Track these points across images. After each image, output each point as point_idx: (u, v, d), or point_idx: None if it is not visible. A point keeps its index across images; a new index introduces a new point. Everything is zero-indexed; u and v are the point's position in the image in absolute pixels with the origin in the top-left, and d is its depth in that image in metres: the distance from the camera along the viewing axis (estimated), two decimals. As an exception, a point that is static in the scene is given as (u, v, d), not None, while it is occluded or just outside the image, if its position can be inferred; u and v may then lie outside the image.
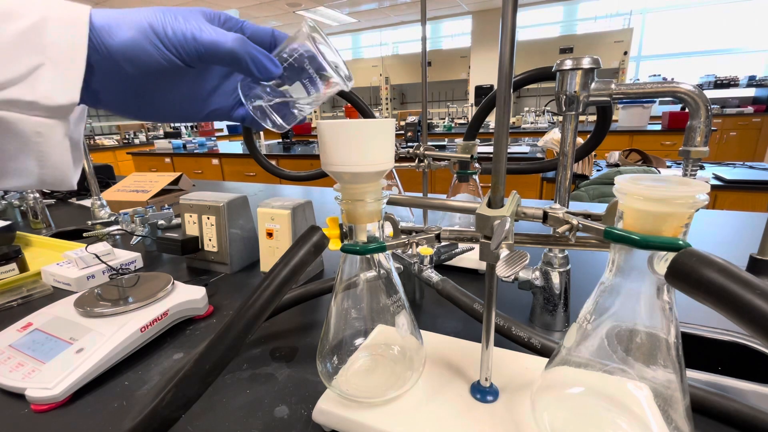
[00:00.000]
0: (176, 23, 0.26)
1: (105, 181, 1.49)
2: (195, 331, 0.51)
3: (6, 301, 0.59)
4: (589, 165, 1.82)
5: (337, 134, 0.27)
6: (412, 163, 0.61)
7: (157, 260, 0.76)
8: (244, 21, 0.30)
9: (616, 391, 0.27)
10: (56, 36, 0.24)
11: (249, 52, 0.27)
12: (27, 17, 0.23)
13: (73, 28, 0.24)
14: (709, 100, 0.33)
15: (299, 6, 4.48)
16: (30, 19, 0.23)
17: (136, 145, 5.07)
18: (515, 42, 0.24)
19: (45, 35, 0.23)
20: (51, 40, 0.23)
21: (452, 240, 0.33)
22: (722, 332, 0.46)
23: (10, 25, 0.22)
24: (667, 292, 0.23)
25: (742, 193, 1.64)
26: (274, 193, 1.38)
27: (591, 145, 0.54)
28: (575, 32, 4.86)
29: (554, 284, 0.45)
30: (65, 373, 0.39)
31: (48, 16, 0.23)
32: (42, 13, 0.23)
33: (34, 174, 0.26)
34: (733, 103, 4.43)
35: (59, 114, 0.25)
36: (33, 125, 0.25)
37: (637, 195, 0.21)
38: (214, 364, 0.27)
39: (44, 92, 0.24)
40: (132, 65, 0.26)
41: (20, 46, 0.23)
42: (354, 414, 0.32)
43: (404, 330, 0.35)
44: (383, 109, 5.76)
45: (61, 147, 0.27)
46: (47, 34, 0.23)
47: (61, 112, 0.25)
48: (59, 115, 0.25)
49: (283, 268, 0.29)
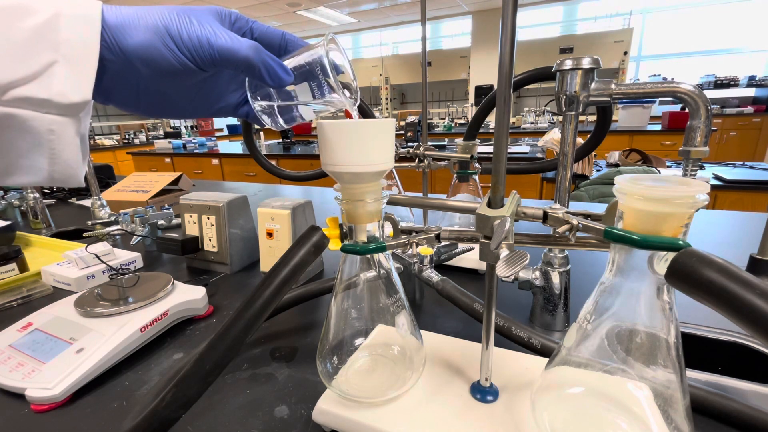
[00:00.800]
0: (191, 27, 0.26)
1: (105, 181, 1.49)
2: (195, 331, 0.51)
3: (6, 301, 0.59)
4: (589, 165, 1.83)
5: (337, 134, 0.27)
6: (412, 163, 0.61)
7: (157, 260, 0.76)
8: (254, 21, 0.30)
9: (616, 391, 0.27)
10: (69, 33, 0.24)
11: (263, 60, 0.27)
12: (41, 13, 0.23)
13: (86, 25, 0.24)
14: (709, 100, 0.33)
15: (299, 6, 4.48)
16: (44, 15, 0.23)
17: (136, 145, 5.07)
18: (515, 42, 0.24)
19: (59, 32, 0.23)
20: (64, 36, 0.23)
21: (452, 240, 0.34)
22: (722, 332, 0.46)
23: (24, 21, 0.22)
24: (667, 292, 0.23)
25: (742, 193, 1.64)
26: (274, 193, 1.38)
27: (591, 145, 0.54)
28: (575, 32, 4.86)
29: (554, 284, 0.45)
30: (65, 373, 0.39)
31: (61, 12, 0.23)
32: (55, 9, 0.23)
33: (44, 171, 0.26)
34: (733, 103, 4.43)
35: (72, 112, 0.25)
36: (46, 123, 0.25)
37: (637, 195, 0.21)
38: (214, 364, 0.27)
39: (58, 90, 0.24)
40: (146, 66, 0.26)
41: (35, 42, 0.23)
42: (354, 414, 0.32)
43: (404, 330, 0.35)
44: (383, 109, 5.76)
45: (72, 144, 0.27)
46: (61, 30, 0.23)
47: (74, 109, 0.25)
48: (72, 112, 0.25)
49: (283, 268, 0.29)
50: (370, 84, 5.88)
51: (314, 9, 4.64)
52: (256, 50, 0.27)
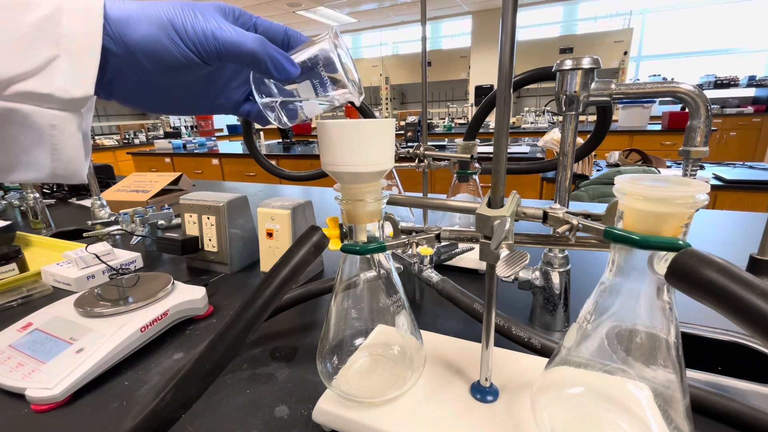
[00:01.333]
0: (196, 21, 0.26)
1: (105, 181, 1.49)
2: (195, 331, 0.51)
3: (6, 301, 0.59)
4: (589, 165, 1.83)
5: (338, 134, 0.27)
6: (412, 163, 0.61)
7: (157, 260, 0.76)
8: (257, 17, 0.30)
9: (616, 391, 0.27)
10: (71, 26, 0.23)
11: (269, 53, 0.27)
12: (43, 7, 0.23)
13: (88, 19, 0.24)
14: (709, 100, 0.33)
15: (299, 6, 4.48)
16: (46, 9, 0.23)
17: (136, 145, 5.07)
18: (515, 42, 0.24)
19: (60, 26, 0.23)
20: (66, 30, 0.23)
21: (452, 240, 0.33)
22: (722, 332, 0.46)
23: (27, 15, 0.22)
24: (667, 292, 0.23)
25: (742, 193, 1.64)
26: (274, 193, 1.38)
27: (591, 145, 0.54)
28: (575, 32, 4.86)
29: (554, 284, 0.45)
30: (65, 373, 0.39)
31: (62, 6, 0.23)
32: (57, 3, 0.23)
33: (46, 167, 0.26)
34: (733, 103, 4.43)
35: (74, 107, 0.25)
36: (48, 118, 0.24)
37: (637, 195, 0.21)
38: (214, 364, 0.27)
39: (60, 85, 0.23)
40: (150, 60, 0.26)
41: (37, 36, 0.23)
42: (354, 414, 0.32)
43: (404, 330, 0.35)
44: (383, 109, 5.76)
45: (74, 140, 0.26)
46: (62, 24, 0.23)
47: (75, 104, 0.25)
48: (74, 107, 0.25)
49: (283, 268, 0.29)
50: (370, 84, 5.88)
51: (314, 9, 4.64)
52: (262, 43, 0.27)
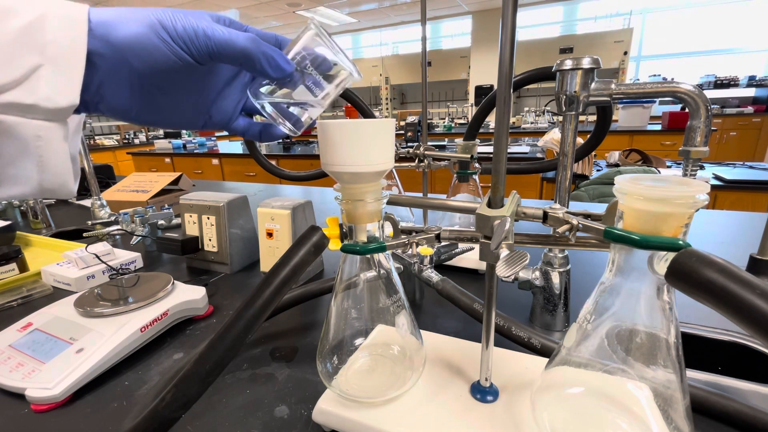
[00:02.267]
0: (186, 20, 0.25)
1: (105, 181, 1.49)
2: (195, 331, 0.51)
3: (6, 301, 0.59)
4: (589, 165, 1.83)
5: (337, 134, 0.27)
6: (412, 163, 0.61)
7: (157, 260, 0.76)
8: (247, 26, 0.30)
9: (616, 391, 0.27)
10: (55, 34, 0.23)
11: (262, 50, 0.27)
12: (25, 14, 0.22)
13: (72, 25, 0.23)
14: (709, 100, 0.33)
15: (299, 6, 4.48)
16: (28, 17, 0.22)
17: (136, 145, 5.08)
18: (515, 42, 0.24)
19: (44, 33, 0.23)
20: (50, 38, 0.23)
21: (452, 240, 0.33)
22: (722, 332, 0.46)
23: (8, 22, 0.22)
24: (667, 292, 0.23)
25: (742, 193, 1.64)
26: (274, 193, 1.38)
27: (591, 145, 0.54)
28: (575, 32, 4.86)
29: (554, 284, 0.45)
30: (65, 373, 0.39)
31: (46, 14, 0.23)
32: (40, 10, 0.23)
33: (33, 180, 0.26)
34: (733, 103, 4.43)
35: (59, 116, 0.25)
36: (33, 128, 0.24)
37: (637, 195, 0.21)
38: (214, 364, 0.27)
39: (44, 95, 0.23)
40: (140, 61, 0.25)
41: (19, 45, 0.22)
42: (354, 414, 0.32)
43: (404, 330, 0.35)
44: (383, 109, 5.76)
45: (60, 151, 0.26)
46: (46, 31, 0.23)
47: (61, 114, 0.25)
48: (59, 117, 0.25)
49: (283, 268, 0.29)
50: (370, 84, 5.88)
51: (314, 9, 4.64)
52: (254, 41, 0.27)
